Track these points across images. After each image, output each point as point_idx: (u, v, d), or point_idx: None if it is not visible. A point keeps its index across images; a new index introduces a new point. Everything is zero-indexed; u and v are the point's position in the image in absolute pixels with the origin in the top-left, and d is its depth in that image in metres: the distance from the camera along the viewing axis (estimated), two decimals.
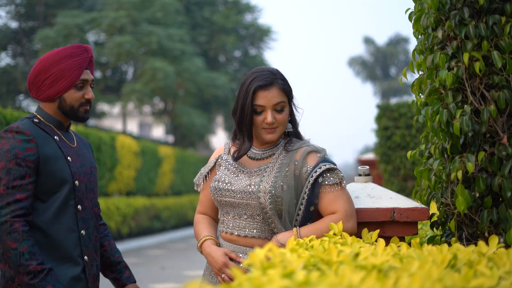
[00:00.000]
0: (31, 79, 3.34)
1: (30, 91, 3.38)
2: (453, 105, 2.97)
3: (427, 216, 3.19)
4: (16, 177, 3.15)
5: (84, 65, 3.35)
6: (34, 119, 3.32)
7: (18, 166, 3.16)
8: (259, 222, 3.20)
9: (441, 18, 3.09)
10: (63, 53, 3.33)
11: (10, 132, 3.20)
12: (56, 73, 3.29)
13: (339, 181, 3.16)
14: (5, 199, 3.13)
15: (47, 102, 3.35)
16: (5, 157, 3.16)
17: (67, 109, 3.34)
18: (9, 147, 3.17)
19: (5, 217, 3.10)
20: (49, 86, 3.30)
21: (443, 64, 2.98)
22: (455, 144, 3.06)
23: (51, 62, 3.30)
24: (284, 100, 3.21)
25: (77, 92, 3.34)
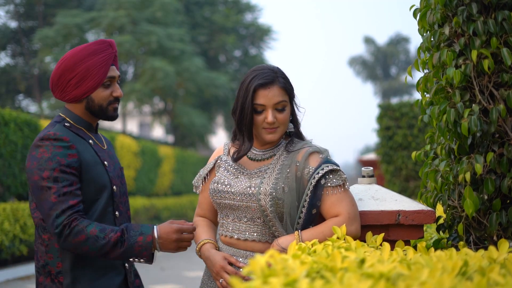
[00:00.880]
0: (54, 80, 3.16)
1: (53, 92, 3.21)
2: (461, 104, 2.86)
3: (433, 219, 3.09)
4: (65, 184, 3.00)
5: (110, 62, 3.19)
6: (64, 123, 3.15)
7: (64, 173, 3.01)
8: (259, 225, 3.10)
9: (448, 14, 2.98)
10: (87, 50, 3.16)
11: (47, 140, 3.03)
12: (82, 72, 3.12)
13: (342, 183, 3.06)
14: (59, 207, 2.97)
15: (74, 103, 3.19)
16: (48, 165, 3.00)
17: (96, 109, 3.18)
18: (49, 155, 3.01)
19: (63, 223, 2.96)
20: (75, 86, 3.14)
21: (451, 61, 2.87)
22: (463, 145, 2.95)
23: (75, 61, 3.13)
24: (285, 99, 3.11)
25: (104, 90, 3.18)
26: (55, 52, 24.56)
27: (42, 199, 3.00)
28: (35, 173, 3.01)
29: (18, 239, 11.42)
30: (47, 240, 3.08)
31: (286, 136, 3.24)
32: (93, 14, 25.07)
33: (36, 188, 3.01)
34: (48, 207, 2.98)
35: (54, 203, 2.97)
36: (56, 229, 2.96)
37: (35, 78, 26.81)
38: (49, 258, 3.08)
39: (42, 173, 2.99)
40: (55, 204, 2.97)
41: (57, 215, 2.96)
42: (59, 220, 2.96)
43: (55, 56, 24.37)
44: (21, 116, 12.75)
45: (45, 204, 2.98)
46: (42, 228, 3.09)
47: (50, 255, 3.08)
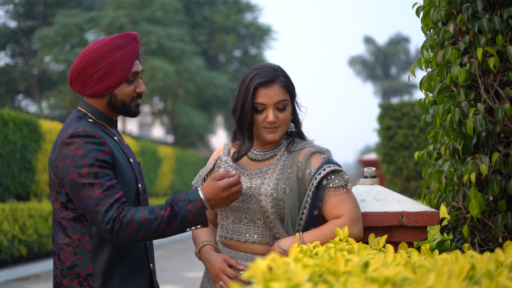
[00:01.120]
0: (75, 73, 3.03)
1: (72, 86, 3.08)
2: (466, 103, 2.80)
3: (437, 221, 3.03)
4: (107, 178, 2.90)
5: (134, 57, 3.07)
6: (88, 118, 3.05)
7: (102, 168, 2.91)
8: (260, 227, 3.05)
9: (452, 11, 2.92)
10: (112, 44, 3.02)
11: (77, 136, 2.92)
12: (106, 67, 2.99)
13: (344, 184, 3.00)
14: (106, 201, 2.87)
15: (95, 98, 3.07)
16: (84, 162, 2.88)
17: (119, 105, 3.07)
18: (83, 151, 2.89)
19: (113, 217, 2.85)
20: (98, 81, 3.01)
21: (455, 60, 2.81)
22: (467, 145, 2.89)
23: (100, 55, 2.99)
24: (286, 98, 3.05)
25: (128, 86, 3.06)
26: (54, 52, 24.50)
27: (84, 196, 2.87)
28: (71, 172, 2.89)
29: (17, 239, 11.38)
30: (77, 241, 2.96)
31: (287, 136, 3.19)
32: (92, 14, 25.02)
33: (75, 187, 2.88)
34: (94, 203, 2.86)
35: (100, 198, 2.86)
36: (107, 225, 2.84)
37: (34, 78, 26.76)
38: (79, 260, 2.96)
39: (80, 171, 2.88)
40: (101, 200, 2.86)
41: (106, 209, 2.85)
42: (109, 214, 2.85)
43: (55, 56, 24.32)
44: (20, 116, 12.71)
45: (90, 201, 2.87)
46: (72, 228, 2.97)
47: (79, 256, 2.96)
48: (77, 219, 2.97)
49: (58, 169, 2.92)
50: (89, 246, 2.96)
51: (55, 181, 2.97)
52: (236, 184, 2.94)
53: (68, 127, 2.98)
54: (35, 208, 12.22)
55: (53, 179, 2.98)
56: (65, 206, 2.97)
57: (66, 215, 2.97)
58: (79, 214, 2.97)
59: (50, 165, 2.99)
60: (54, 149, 2.98)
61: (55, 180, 2.97)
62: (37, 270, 11.71)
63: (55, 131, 14.36)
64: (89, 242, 2.96)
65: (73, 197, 2.92)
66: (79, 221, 2.97)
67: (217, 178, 2.95)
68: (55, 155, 2.95)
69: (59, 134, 3.01)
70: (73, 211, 2.97)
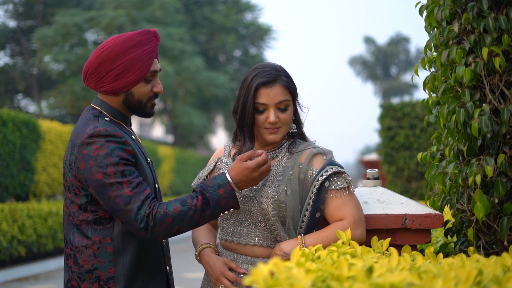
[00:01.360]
0: (91, 69, 2.92)
1: (86, 81, 2.97)
2: (471, 104, 2.74)
3: (441, 223, 2.98)
4: (134, 176, 2.82)
5: (153, 55, 2.96)
6: (104, 117, 2.96)
7: (128, 165, 2.83)
8: (261, 229, 3.00)
9: (457, 10, 2.87)
10: (132, 41, 2.91)
11: (98, 136, 2.82)
12: (124, 64, 2.89)
13: (347, 186, 2.95)
14: (137, 198, 2.79)
15: (110, 95, 2.98)
16: (109, 161, 2.79)
17: (134, 105, 2.98)
18: (106, 150, 2.80)
19: (146, 214, 2.77)
20: (115, 78, 2.91)
21: (460, 59, 2.76)
22: (472, 146, 2.83)
23: (119, 51, 2.88)
24: (288, 98, 3.00)
25: (146, 85, 2.97)
26: (54, 51, 24.45)
27: (113, 196, 2.79)
28: (95, 172, 2.80)
29: (16, 240, 11.34)
30: (98, 243, 2.88)
31: (289, 137, 3.14)
32: (92, 14, 24.97)
33: (102, 187, 2.80)
34: (125, 202, 2.78)
35: (131, 196, 2.78)
36: (141, 223, 2.77)
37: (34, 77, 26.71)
38: (99, 263, 2.88)
39: (106, 170, 2.79)
40: (132, 197, 2.78)
41: (138, 207, 2.77)
42: (142, 212, 2.77)
43: (54, 56, 24.27)
44: (19, 116, 12.67)
45: (120, 200, 2.78)
46: (93, 230, 2.88)
47: (100, 259, 2.88)
48: (98, 221, 2.89)
49: (80, 170, 2.83)
50: (110, 248, 2.88)
51: (73, 182, 2.88)
52: (265, 162, 2.88)
53: (85, 126, 2.89)
54: (34, 208, 12.18)
55: (71, 181, 2.89)
56: (85, 208, 2.89)
57: (85, 217, 2.89)
58: (100, 216, 2.89)
59: (68, 167, 2.89)
60: (71, 149, 2.88)
61: (73, 181, 2.88)
62: (36, 271, 11.67)
63: (55, 131, 14.32)
64: (110, 244, 2.89)
65: (100, 198, 2.83)
66: (100, 223, 2.89)
67: (244, 158, 2.89)
68: (74, 156, 2.86)
69: (74, 134, 2.91)
70: (94, 213, 2.89)
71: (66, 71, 25.12)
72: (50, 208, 12.80)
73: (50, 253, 13.21)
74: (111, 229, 2.89)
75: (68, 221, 2.95)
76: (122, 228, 2.91)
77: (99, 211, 2.89)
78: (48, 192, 14.30)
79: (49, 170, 14.01)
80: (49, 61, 25.00)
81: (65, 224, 2.98)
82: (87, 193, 2.88)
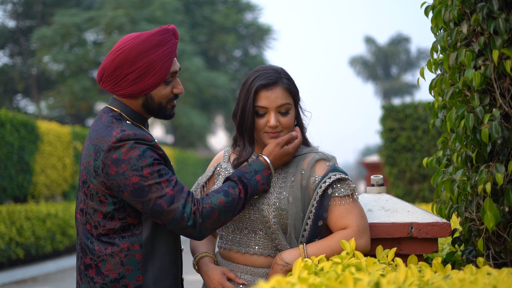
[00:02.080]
0: (107, 72, 2.77)
1: (101, 83, 2.83)
2: (481, 108, 2.63)
3: (449, 232, 2.87)
4: (170, 174, 2.71)
5: (173, 55, 2.81)
6: (126, 120, 2.82)
7: (161, 165, 2.71)
8: (261, 238, 2.89)
9: (466, 11, 2.75)
10: (150, 41, 2.75)
11: (127, 140, 2.68)
12: (143, 67, 2.74)
13: (351, 193, 2.84)
14: (180, 197, 2.68)
15: (128, 98, 2.85)
16: (143, 163, 2.66)
17: (154, 107, 2.84)
18: (139, 152, 2.67)
19: (192, 211, 2.67)
20: (133, 82, 2.76)
21: (469, 62, 2.64)
22: (482, 152, 2.72)
23: (137, 53, 2.73)
24: (289, 101, 2.89)
25: (166, 87, 2.83)
26: (53, 51, 24.35)
27: (154, 198, 2.66)
28: (131, 176, 2.66)
29: (14, 242, 11.27)
30: (126, 250, 2.75)
31: None
32: (91, 14, 24.88)
33: (140, 191, 2.66)
34: (168, 202, 2.66)
35: (173, 195, 2.67)
36: (189, 221, 2.67)
37: (33, 78, 26.62)
38: (127, 271, 2.75)
39: (142, 172, 2.66)
40: (175, 196, 2.67)
41: (183, 205, 2.67)
42: (187, 209, 2.67)
43: (54, 56, 24.17)
44: (17, 117, 12.59)
45: (162, 201, 2.66)
46: (121, 238, 2.75)
47: (128, 267, 2.75)
48: (126, 228, 2.77)
49: (111, 176, 2.68)
50: (139, 255, 2.76)
51: (99, 190, 2.74)
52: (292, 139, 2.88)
53: (108, 129, 2.74)
54: (32, 210, 12.10)
55: (97, 188, 2.74)
56: (111, 217, 2.76)
57: (112, 225, 2.76)
58: (129, 223, 2.77)
59: (93, 173, 2.74)
60: (95, 155, 2.73)
61: (100, 189, 2.74)
62: (35, 273, 11.58)
63: (53, 132, 14.23)
64: (139, 252, 2.77)
65: (138, 202, 2.69)
66: (128, 230, 2.77)
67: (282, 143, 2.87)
68: (101, 162, 2.71)
69: (96, 137, 2.75)
70: (121, 221, 2.76)
71: (66, 71, 25.03)
72: (48, 210, 12.72)
73: (49, 255, 13.14)
74: (139, 235, 2.78)
75: (85, 230, 2.81)
76: (150, 234, 2.79)
77: (127, 218, 2.77)
78: (47, 193, 14.21)
79: (47, 172, 13.92)
80: (48, 61, 24.92)
81: (80, 233, 2.83)
82: (115, 200, 2.75)
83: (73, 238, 13.76)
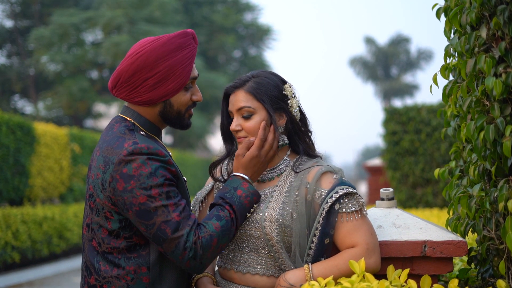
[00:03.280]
0: (124, 77, 2.60)
1: (115, 90, 2.65)
2: (501, 119, 2.42)
3: (465, 251, 2.67)
4: (179, 197, 2.52)
5: (193, 60, 2.67)
6: (139, 130, 2.64)
7: (172, 186, 2.52)
8: (263, 257, 2.70)
9: (485, 13, 2.54)
10: (171, 44, 2.61)
11: (139, 154, 2.50)
12: (164, 71, 2.58)
13: (359, 208, 2.65)
14: (186, 224, 2.48)
15: (144, 106, 2.66)
16: (153, 182, 2.48)
17: (173, 116, 2.68)
18: (150, 169, 2.48)
19: (193, 241, 2.48)
20: (153, 87, 2.60)
21: (489, 69, 2.43)
22: (502, 167, 2.51)
23: (158, 56, 2.58)
24: (250, 105, 2.74)
25: (185, 93, 2.67)
26: (51, 52, 24.16)
27: (159, 222, 2.47)
28: (138, 195, 2.47)
29: (10, 246, 11.13)
30: (133, 273, 2.56)
31: (292, 152, 2.83)
32: (90, 14, 24.70)
33: (146, 212, 2.47)
34: (173, 228, 2.47)
35: (178, 221, 2.47)
36: (190, 252, 2.48)
37: (31, 78, 26.43)
38: None
39: (150, 192, 2.47)
40: (180, 223, 2.48)
41: (187, 234, 2.48)
42: (190, 238, 2.48)
43: (51, 56, 23.98)
44: (13, 119, 12.42)
45: (167, 227, 2.47)
46: (126, 259, 2.56)
47: None
48: (132, 248, 2.57)
49: (118, 192, 2.50)
50: (146, 279, 2.57)
51: (105, 205, 2.55)
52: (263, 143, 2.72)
53: (120, 140, 2.56)
54: (28, 213, 11.94)
55: (103, 203, 2.56)
56: (117, 234, 2.57)
57: (117, 244, 2.56)
58: (135, 243, 2.57)
59: (100, 186, 2.55)
60: (104, 167, 2.54)
61: (106, 204, 2.55)
62: (31, 277, 11.41)
63: (50, 134, 14.05)
64: (147, 275, 2.57)
65: (141, 225, 2.50)
66: (134, 250, 2.58)
67: (242, 152, 2.71)
68: (109, 175, 2.52)
69: (107, 149, 2.57)
70: (127, 240, 2.57)
71: (63, 72, 24.84)
72: (45, 213, 12.56)
73: (45, 259, 12.98)
74: (147, 256, 2.58)
75: (91, 247, 2.62)
76: (159, 255, 2.60)
77: (133, 237, 2.57)
78: (43, 196, 14.04)
79: (44, 174, 13.74)
80: (46, 62, 24.73)
81: (86, 249, 2.64)
82: (121, 217, 2.56)
83: (70, 241, 13.59)
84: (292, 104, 2.79)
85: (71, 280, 10.92)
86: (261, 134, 2.71)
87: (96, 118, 28.30)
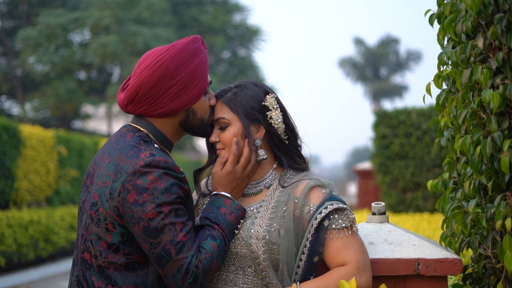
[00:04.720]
0: (144, 89, 2.49)
1: (133, 105, 2.54)
2: (499, 133, 2.30)
3: (460, 270, 2.56)
4: (186, 218, 2.41)
5: (208, 64, 2.61)
6: (154, 144, 2.51)
7: (182, 204, 2.41)
8: (250, 275, 2.60)
9: (481, 22, 2.43)
10: (188, 50, 2.53)
11: (156, 167, 2.39)
12: (185, 77, 2.50)
13: (350, 225, 2.54)
14: (191, 246, 2.37)
15: (164, 117, 2.55)
16: (167, 198, 2.37)
17: (196, 124, 2.59)
18: (165, 185, 2.37)
19: (195, 265, 2.37)
20: (175, 96, 2.50)
21: (486, 81, 2.31)
22: (499, 182, 2.40)
23: (178, 63, 2.50)
24: (225, 116, 2.66)
25: (205, 99, 2.59)
26: (39, 52, 23.95)
27: (165, 241, 2.36)
28: (149, 209, 2.35)
29: None
30: None
31: (279, 166, 2.72)
32: (77, 14, 24.50)
33: (154, 229, 2.35)
34: (177, 249, 2.36)
35: (184, 242, 2.36)
36: (191, 277, 2.36)
37: (18, 79, 26.18)
38: None
39: (161, 208, 2.35)
40: (185, 245, 2.36)
41: (192, 256, 2.36)
42: (193, 261, 2.36)
43: (39, 57, 23.78)
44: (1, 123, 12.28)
45: (171, 247, 2.35)
46: (123, 277, 2.42)
47: None
48: (130, 266, 2.44)
49: (128, 203, 2.37)
50: None
51: (109, 215, 2.42)
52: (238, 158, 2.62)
53: (134, 149, 2.43)
54: (14, 217, 11.81)
55: (106, 213, 2.42)
56: (116, 249, 2.43)
57: (115, 259, 2.43)
58: (134, 261, 2.44)
59: (108, 195, 2.42)
60: (115, 175, 2.41)
61: (110, 214, 2.41)
62: (16, 282, 11.31)
63: (36, 136, 13.90)
64: None
65: (145, 242, 2.38)
66: (132, 268, 2.45)
67: (217, 169, 2.63)
68: (120, 184, 2.39)
69: (119, 157, 2.44)
70: (126, 256, 2.44)
71: (51, 73, 24.63)
72: (31, 217, 12.42)
73: (31, 263, 12.85)
74: (145, 277, 2.46)
75: (83, 260, 2.49)
76: (157, 277, 2.46)
77: (134, 254, 2.44)
78: (30, 199, 13.89)
79: (30, 177, 13.59)
80: (33, 63, 24.52)
81: (78, 262, 2.50)
82: (123, 231, 2.43)
83: (57, 245, 13.46)
84: (272, 116, 2.67)
85: (57, 284, 10.80)
86: (234, 149, 2.61)
87: (84, 119, 28.10)
